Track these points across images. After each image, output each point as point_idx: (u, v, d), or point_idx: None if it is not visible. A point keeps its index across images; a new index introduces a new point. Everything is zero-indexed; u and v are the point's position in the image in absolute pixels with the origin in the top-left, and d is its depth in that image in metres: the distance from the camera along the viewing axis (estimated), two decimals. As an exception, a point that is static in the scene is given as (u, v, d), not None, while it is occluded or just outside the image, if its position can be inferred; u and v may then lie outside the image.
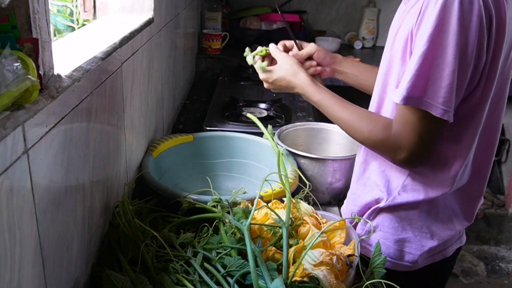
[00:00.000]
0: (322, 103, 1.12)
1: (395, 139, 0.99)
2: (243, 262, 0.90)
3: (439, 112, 0.91)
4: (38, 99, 0.64)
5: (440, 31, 0.88)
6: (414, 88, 0.92)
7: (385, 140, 1.00)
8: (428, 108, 0.92)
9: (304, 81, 1.15)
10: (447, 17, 0.87)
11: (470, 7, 0.86)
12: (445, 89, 0.90)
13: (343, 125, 1.09)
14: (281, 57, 1.22)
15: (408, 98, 0.93)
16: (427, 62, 0.90)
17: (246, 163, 1.51)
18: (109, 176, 1.04)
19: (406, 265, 1.13)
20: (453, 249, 1.17)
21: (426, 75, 0.90)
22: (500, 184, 3.07)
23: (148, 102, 1.39)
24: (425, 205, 1.09)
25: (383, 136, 1.00)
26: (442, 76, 0.90)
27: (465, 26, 0.87)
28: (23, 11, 0.63)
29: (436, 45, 0.88)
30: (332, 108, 1.10)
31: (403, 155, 0.99)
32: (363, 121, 1.05)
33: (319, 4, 2.93)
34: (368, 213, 1.15)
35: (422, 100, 0.92)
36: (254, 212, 0.98)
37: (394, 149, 0.99)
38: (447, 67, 0.89)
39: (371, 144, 1.05)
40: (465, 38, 0.88)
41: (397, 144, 0.98)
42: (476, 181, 1.11)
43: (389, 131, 1.00)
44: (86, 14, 1.34)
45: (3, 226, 0.59)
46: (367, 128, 1.03)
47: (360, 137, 1.06)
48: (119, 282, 0.86)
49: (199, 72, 2.53)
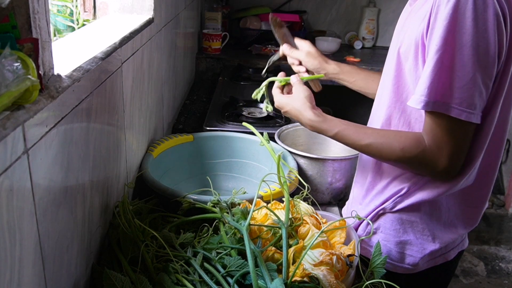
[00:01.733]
0: (340, 135, 1.05)
1: (430, 152, 0.95)
2: (243, 262, 0.90)
3: (456, 113, 0.89)
4: (38, 99, 0.64)
5: (454, 32, 0.86)
6: (433, 93, 0.89)
7: (420, 155, 0.96)
8: (449, 111, 0.90)
9: (313, 119, 1.07)
10: (461, 18, 0.85)
11: (484, 7, 0.85)
12: (463, 90, 0.88)
13: (371, 150, 1.03)
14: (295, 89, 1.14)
15: (428, 103, 0.90)
16: (443, 65, 0.88)
17: (246, 163, 1.51)
18: (109, 176, 1.04)
19: (407, 267, 1.13)
20: (455, 253, 1.16)
21: (443, 78, 0.88)
22: (500, 184, 3.07)
23: (148, 102, 1.39)
24: (427, 207, 1.08)
25: (417, 151, 0.96)
26: (460, 78, 0.88)
27: (480, 26, 0.85)
28: (23, 11, 0.63)
29: (450, 47, 0.87)
30: (353, 137, 1.04)
31: (442, 167, 0.95)
32: (392, 140, 1.00)
33: (319, 4, 2.93)
34: (372, 215, 1.14)
35: (441, 104, 0.90)
36: (253, 212, 0.98)
37: (432, 162, 0.96)
38: (463, 68, 0.87)
39: (407, 162, 1.00)
40: (482, 37, 0.85)
41: (434, 157, 0.95)
42: (481, 185, 1.09)
43: (422, 144, 0.96)
44: (86, 14, 1.34)
45: (3, 226, 0.59)
46: (398, 146, 0.98)
47: (393, 157, 1.00)
48: (119, 282, 0.86)
49: (199, 72, 2.52)
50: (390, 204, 1.10)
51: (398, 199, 1.09)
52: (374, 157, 1.07)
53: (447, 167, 0.96)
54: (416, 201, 1.07)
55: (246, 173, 1.50)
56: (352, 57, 2.63)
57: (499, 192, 3.06)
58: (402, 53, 0.99)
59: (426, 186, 1.05)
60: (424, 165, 0.98)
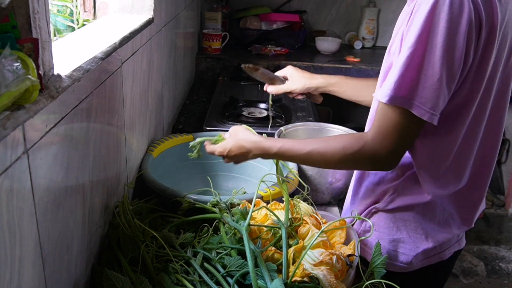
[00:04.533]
0: (283, 149, 1.06)
1: (372, 144, 0.96)
2: (243, 262, 0.90)
3: (419, 112, 0.90)
4: (38, 99, 0.64)
5: (428, 32, 0.87)
6: (399, 88, 0.91)
7: (361, 149, 0.97)
8: (411, 108, 0.90)
9: (257, 140, 1.10)
10: (436, 19, 0.86)
11: (459, 11, 0.86)
12: (429, 90, 0.89)
13: (314, 156, 1.03)
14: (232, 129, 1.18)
15: (394, 98, 0.91)
16: (413, 62, 0.89)
17: (246, 163, 1.51)
18: (109, 176, 1.04)
19: (401, 265, 1.13)
20: (450, 252, 1.17)
21: (411, 75, 0.90)
22: (500, 184, 3.07)
23: (148, 102, 1.39)
24: (421, 207, 1.09)
25: (359, 146, 0.97)
26: (427, 77, 0.89)
27: (453, 29, 0.86)
28: (23, 11, 0.63)
29: (423, 46, 0.88)
30: (295, 148, 1.05)
31: (383, 157, 0.96)
32: (332, 142, 1.02)
33: (319, 4, 2.93)
34: (365, 213, 1.15)
35: (406, 100, 0.91)
36: (252, 212, 0.98)
37: (374, 154, 0.97)
38: (432, 68, 0.88)
39: (350, 160, 1.00)
40: (453, 40, 0.87)
41: (376, 149, 0.96)
42: (475, 185, 1.09)
43: (364, 138, 0.97)
44: (86, 14, 1.34)
45: (3, 226, 0.59)
46: (339, 146, 1.00)
47: (336, 158, 1.01)
48: (119, 282, 0.86)
49: (199, 72, 2.53)
50: (382, 204, 1.11)
51: (389, 199, 1.10)
52: (319, 165, 1.09)
53: (388, 159, 0.97)
54: (409, 202, 1.08)
55: (246, 173, 1.50)
56: (352, 57, 2.63)
57: (499, 192, 3.06)
58: (392, 52, 1.01)
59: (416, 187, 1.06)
60: (366, 158, 0.99)
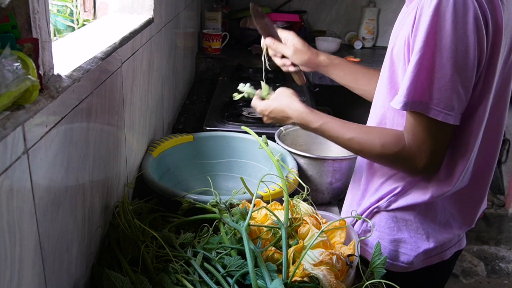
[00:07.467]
0: (324, 127, 1.07)
1: (410, 149, 0.97)
2: (243, 262, 0.90)
3: (434, 114, 0.91)
4: (38, 99, 0.64)
5: (434, 34, 0.87)
6: (412, 93, 0.91)
7: (400, 152, 0.98)
8: (427, 112, 0.91)
9: (300, 110, 1.11)
10: (441, 20, 0.87)
11: (464, 9, 0.86)
12: (441, 91, 0.90)
13: (352, 145, 1.05)
14: (279, 90, 1.20)
15: (407, 103, 0.92)
16: (423, 66, 0.90)
17: (246, 163, 1.52)
18: (109, 176, 1.04)
19: (402, 265, 1.13)
20: (451, 252, 1.17)
21: (422, 78, 0.90)
22: (500, 184, 3.07)
23: (148, 102, 1.39)
24: (422, 207, 1.09)
25: (397, 148, 0.98)
26: (438, 79, 0.89)
27: (460, 28, 0.86)
28: (23, 11, 0.63)
29: (431, 48, 0.88)
30: (336, 130, 1.06)
31: (421, 165, 0.97)
32: (373, 136, 1.02)
33: (319, 4, 2.93)
34: (366, 213, 1.15)
35: (420, 104, 0.92)
36: (252, 212, 0.98)
37: (411, 159, 0.97)
38: (442, 69, 0.89)
39: (386, 159, 1.02)
40: (461, 40, 0.87)
41: (413, 154, 0.96)
42: (476, 185, 1.09)
43: (402, 142, 0.97)
44: (86, 14, 1.34)
45: (3, 226, 0.59)
46: (379, 142, 1.00)
47: (373, 153, 1.02)
48: (119, 282, 0.85)
49: (199, 72, 2.53)
50: (385, 203, 1.11)
51: (392, 198, 1.10)
52: (356, 152, 1.09)
53: (426, 165, 0.98)
54: (411, 202, 1.08)
55: (246, 173, 1.50)
56: (352, 57, 2.63)
57: (499, 192, 3.06)
58: (394, 54, 1.01)
59: (420, 186, 1.06)
60: (404, 163, 1.00)
